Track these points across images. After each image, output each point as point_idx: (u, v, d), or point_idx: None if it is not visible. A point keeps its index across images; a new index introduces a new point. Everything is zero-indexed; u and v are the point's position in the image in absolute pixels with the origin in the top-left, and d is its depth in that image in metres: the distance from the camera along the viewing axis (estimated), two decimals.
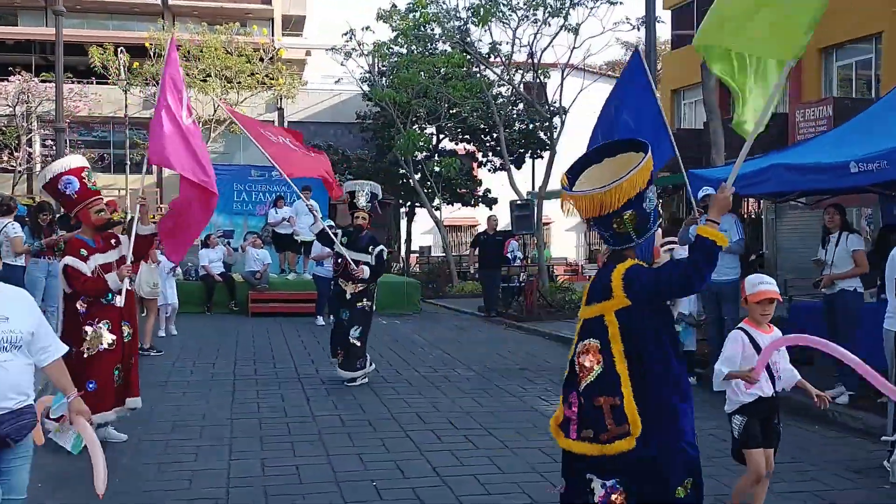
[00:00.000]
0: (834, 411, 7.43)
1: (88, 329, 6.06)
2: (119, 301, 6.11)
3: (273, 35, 38.77)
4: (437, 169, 21.22)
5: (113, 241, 6.37)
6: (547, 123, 23.87)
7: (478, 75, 21.91)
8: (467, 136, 24.20)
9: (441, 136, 22.21)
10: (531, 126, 23.27)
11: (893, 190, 7.60)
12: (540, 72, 18.58)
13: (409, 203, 24.95)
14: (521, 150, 23.96)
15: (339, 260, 8.90)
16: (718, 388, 4.77)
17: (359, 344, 8.87)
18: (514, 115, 23.14)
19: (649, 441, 3.63)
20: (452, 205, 23.82)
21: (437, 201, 22.51)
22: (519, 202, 15.21)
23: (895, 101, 8.15)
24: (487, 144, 23.94)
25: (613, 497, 3.70)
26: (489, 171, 25.20)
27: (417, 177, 22.17)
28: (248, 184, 18.29)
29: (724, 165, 10.99)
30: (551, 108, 17.34)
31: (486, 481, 5.69)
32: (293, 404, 8.06)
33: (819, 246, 7.91)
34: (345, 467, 5.99)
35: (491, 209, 25.22)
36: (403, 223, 26.14)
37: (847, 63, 21.64)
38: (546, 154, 24.66)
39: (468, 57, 20.14)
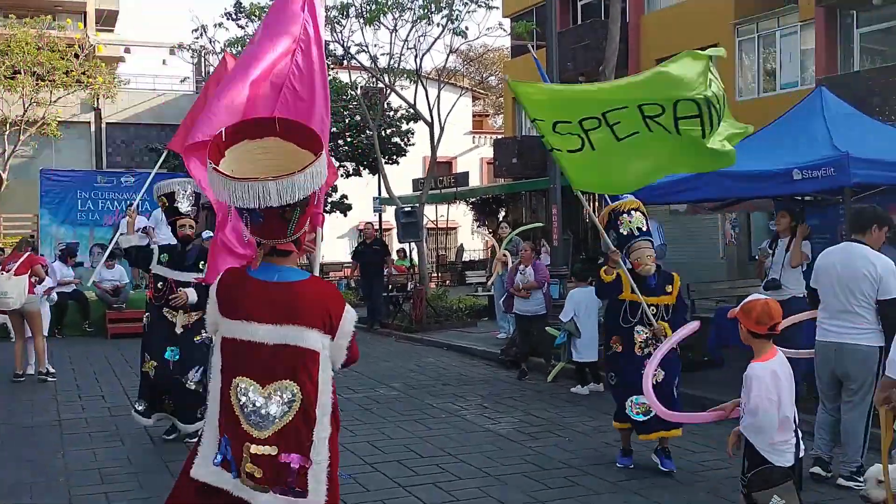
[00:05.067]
0: None
1: None
2: None
3: (87, 30, 35.89)
4: None
5: None
6: (405, 128, 23.63)
7: (330, 77, 21.20)
8: None
9: None
10: (388, 131, 22.84)
11: (838, 196, 7.83)
12: (404, 77, 18.21)
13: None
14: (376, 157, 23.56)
15: (160, 284, 6.98)
16: None
17: (201, 390, 6.77)
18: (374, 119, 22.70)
19: None
20: None
21: None
22: (406, 209, 14.73)
23: (812, 107, 8.47)
24: (341, 150, 23.24)
25: None
26: (342, 176, 24.48)
27: None
28: (95, 191, 16.54)
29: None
30: (430, 116, 16.99)
31: None
32: None
33: (767, 246, 8.04)
34: None
35: (346, 216, 24.56)
36: None
37: None
38: (401, 160, 24.38)
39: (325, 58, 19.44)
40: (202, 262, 6.90)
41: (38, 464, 6.35)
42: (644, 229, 6.17)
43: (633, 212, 6.28)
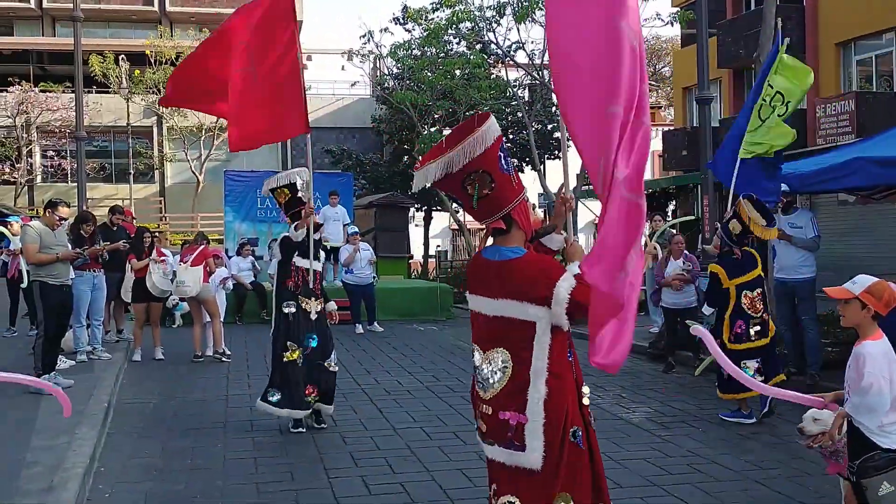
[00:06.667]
0: None
1: None
2: None
3: None
4: None
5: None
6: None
7: (493, 76, 21.63)
8: None
9: None
10: (549, 127, 23.01)
11: None
12: None
13: (426, 207, 24.68)
14: (539, 152, 23.76)
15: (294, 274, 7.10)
16: None
17: (337, 370, 7.32)
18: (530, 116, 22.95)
19: None
20: None
21: (455, 205, 22.22)
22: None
23: None
24: (504, 146, 23.66)
25: None
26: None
27: None
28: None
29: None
30: None
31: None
32: (368, 416, 7.73)
33: None
34: (453, 484, 5.68)
35: None
36: (418, 228, 25.83)
37: (866, 57, 21.46)
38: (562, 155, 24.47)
39: (487, 58, 19.85)
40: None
41: (201, 431, 7.13)
42: None
43: None
